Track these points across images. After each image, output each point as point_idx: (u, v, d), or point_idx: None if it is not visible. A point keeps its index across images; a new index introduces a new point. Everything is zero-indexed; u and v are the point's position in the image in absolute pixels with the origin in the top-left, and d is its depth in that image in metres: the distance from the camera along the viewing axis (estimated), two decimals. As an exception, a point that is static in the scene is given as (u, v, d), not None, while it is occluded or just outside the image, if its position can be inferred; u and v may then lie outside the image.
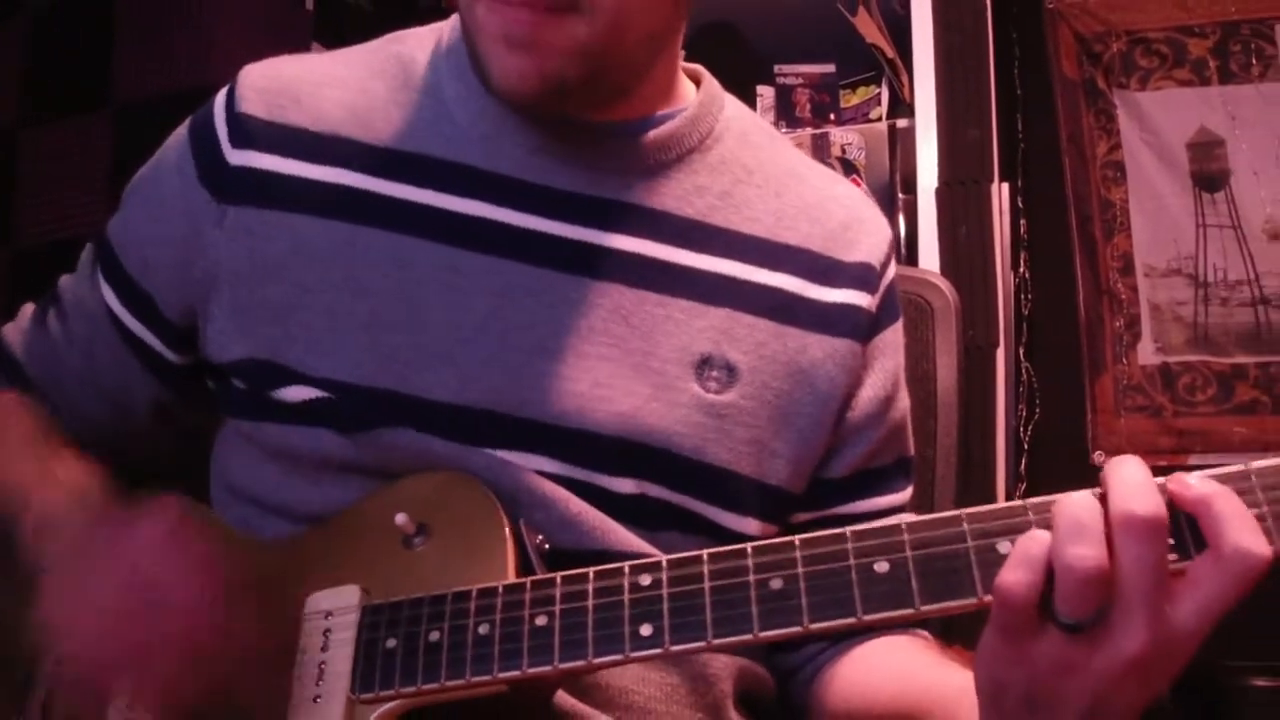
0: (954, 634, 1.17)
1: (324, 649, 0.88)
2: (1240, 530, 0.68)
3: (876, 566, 0.76)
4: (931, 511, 1.42)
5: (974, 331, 2.38)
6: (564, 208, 1.02)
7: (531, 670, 0.81)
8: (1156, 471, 0.71)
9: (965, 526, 0.75)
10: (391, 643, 0.85)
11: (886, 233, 1.14)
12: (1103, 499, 0.70)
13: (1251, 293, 2.71)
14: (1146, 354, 2.79)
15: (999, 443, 2.44)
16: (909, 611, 0.75)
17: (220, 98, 1.06)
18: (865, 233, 1.11)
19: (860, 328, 1.07)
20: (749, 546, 0.80)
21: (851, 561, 0.77)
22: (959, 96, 2.49)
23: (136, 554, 0.86)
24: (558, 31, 0.91)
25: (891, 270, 1.13)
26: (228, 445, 1.09)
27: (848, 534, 0.78)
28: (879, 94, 2.73)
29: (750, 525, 1.03)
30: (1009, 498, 2.56)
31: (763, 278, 1.05)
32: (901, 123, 2.61)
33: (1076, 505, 0.69)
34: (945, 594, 0.74)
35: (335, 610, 0.89)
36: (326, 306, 0.99)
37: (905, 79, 2.63)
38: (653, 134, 1.05)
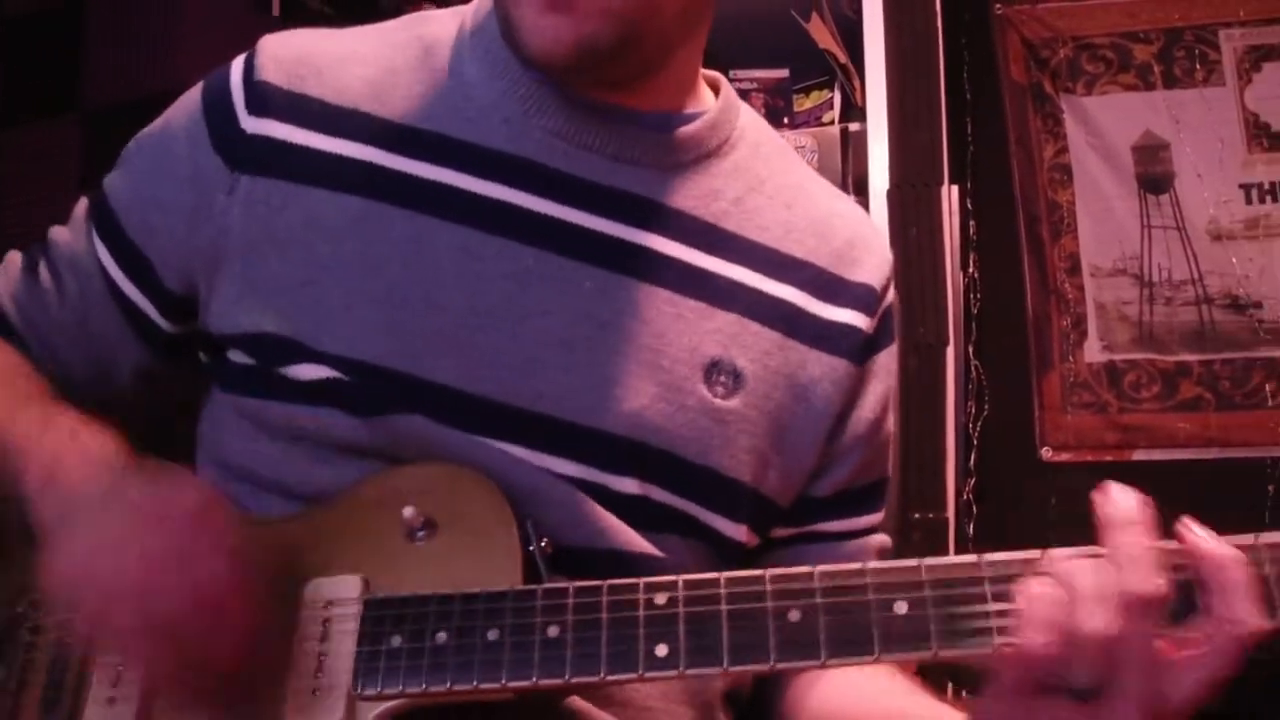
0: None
1: (324, 639, 0.85)
2: (1241, 599, 0.70)
3: (896, 607, 0.76)
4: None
5: (925, 330, 2.41)
6: (584, 197, 1.00)
7: (543, 682, 0.79)
8: (1102, 466, 0.73)
9: (984, 573, 0.75)
10: (396, 640, 0.83)
11: (887, 254, 1.14)
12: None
13: (1195, 292, 2.74)
14: (1093, 352, 2.82)
15: (949, 439, 2.47)
16: (926, 655, 0.75)
17: (237, 64, 1.03)
18: (868, 252, 1.11)
19: (856, 348, 1.07)
20: (767, 574, 0.80)
21: (871, 598, 0.76)
22: (909, 101, 2.52)
23: (162, 516, 0.83)
24: None
25: (891, 294, 1.13)
26: (219, 419, 1.05)
27: (867, 570, 0.78)
28: (831, 98, 2.76)
29: (743, 533, 1.03)
30: (959, 493, 2.59)
31: (770, 288, 1.05)
32: (853, 126, 2.63)
33: (1099, 573, 0.70)
34: (963, 641, 0.74)
35: (336, 600, 0.87)
36: (340, 282, 0.97)
37: (857, 83, 2.65)
38: (679, 131, 1.04)
